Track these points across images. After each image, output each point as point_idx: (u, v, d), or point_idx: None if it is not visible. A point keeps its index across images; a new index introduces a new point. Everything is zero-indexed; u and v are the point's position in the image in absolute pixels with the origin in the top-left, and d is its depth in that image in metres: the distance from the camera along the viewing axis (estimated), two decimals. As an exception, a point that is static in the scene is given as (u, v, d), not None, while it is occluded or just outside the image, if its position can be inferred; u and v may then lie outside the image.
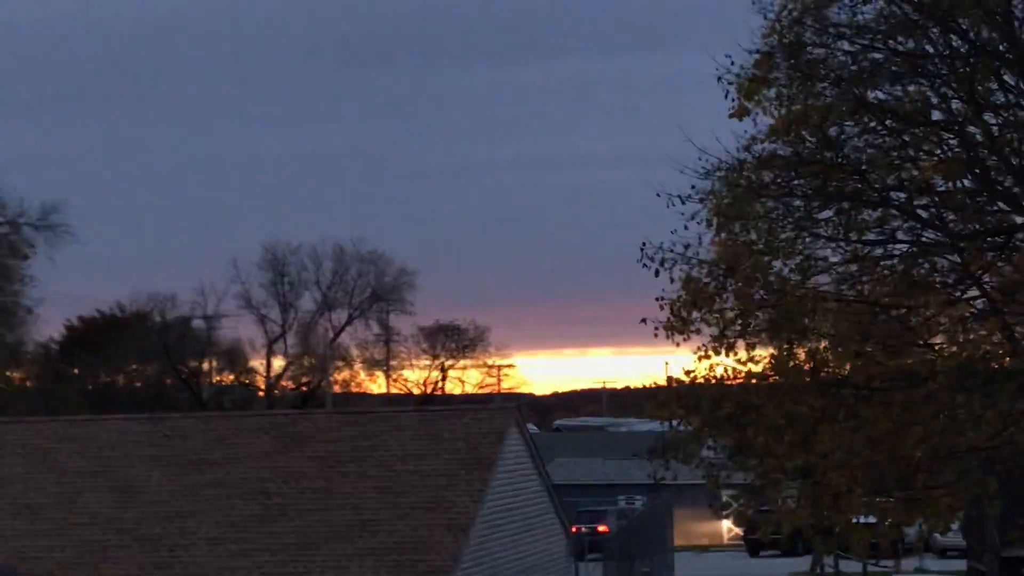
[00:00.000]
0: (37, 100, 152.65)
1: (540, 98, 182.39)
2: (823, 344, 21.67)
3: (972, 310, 20.83)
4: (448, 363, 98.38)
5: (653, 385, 23.14)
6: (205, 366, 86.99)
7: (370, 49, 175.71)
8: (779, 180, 21.55)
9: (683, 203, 21.48)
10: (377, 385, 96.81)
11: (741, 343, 21.38)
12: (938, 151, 21.24)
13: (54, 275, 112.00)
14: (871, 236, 21.45)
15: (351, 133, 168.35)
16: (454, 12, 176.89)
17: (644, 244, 21.23)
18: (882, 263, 21.65)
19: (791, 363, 21.38)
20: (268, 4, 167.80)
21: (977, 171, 20.65)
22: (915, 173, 21.23)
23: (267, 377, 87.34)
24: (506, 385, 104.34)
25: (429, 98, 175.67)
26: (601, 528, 62.54)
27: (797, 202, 21.64)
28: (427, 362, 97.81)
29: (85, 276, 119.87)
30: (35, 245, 70.95)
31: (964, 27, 20.70)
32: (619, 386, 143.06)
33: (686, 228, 21.42)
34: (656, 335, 21.28)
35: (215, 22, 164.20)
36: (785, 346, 21.34)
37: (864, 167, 21.19)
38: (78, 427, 37.72)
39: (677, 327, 21.33)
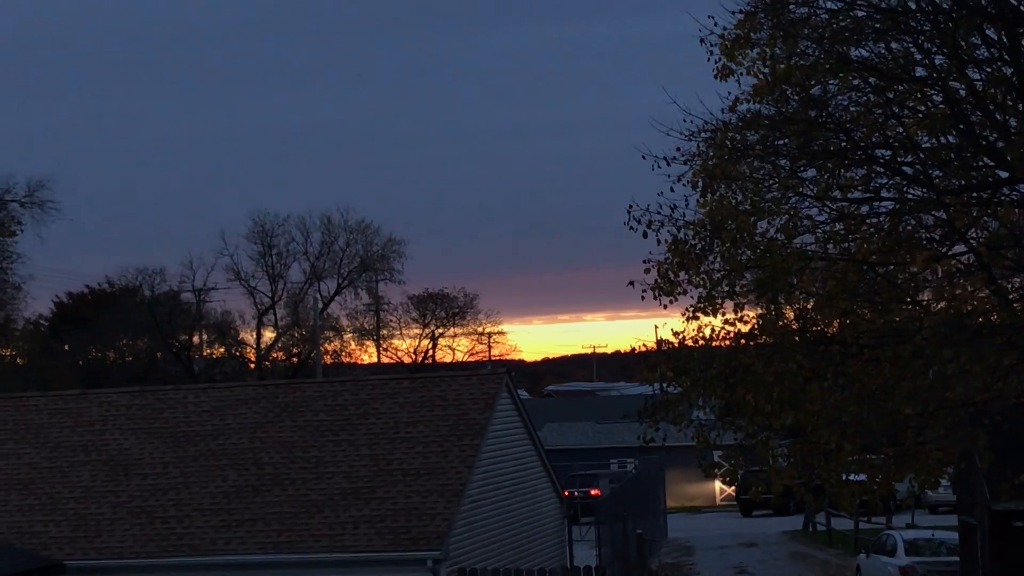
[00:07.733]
0: (24, 78, 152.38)
1: (526, 65, 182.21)
2: (810, 303, 21.74)
3: (958, 265, 20.87)
4: (438, 331, 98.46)
5: (643, 347, 23.20)
6: (196, 339, 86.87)
7: (355, 17, 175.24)
8: (764, 140, 21.58)
9: (668, 165, 21.57)
10: (368, 355, 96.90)
11: (729, 303, 21.48)
12: (922, 107, 21.25)
13: (42, 251, 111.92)
14: (856, 194, 21.47)
15: (338, 102, 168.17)
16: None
17: (631, 207, 21.32)
18: (868, 221, 21.68)
19: (779, 322, 21.47)
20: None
21: (961, 127, 20.64)
22: (899, 130, 21.25)
23: (258, 349, 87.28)
24: (496, 352, 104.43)
25: (414, 65, 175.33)
26: (593, 491, 62.89)
27: (782, 162, 21.68)
28: (417, 331, 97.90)
29: (73, 252, 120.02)
30: (23, 222, 70.85)
31: (946, -18, 20.67)
32: (610, 351, 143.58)
33: (672, 190, 21.52)
34: (643, 298, 21.37)
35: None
36: (772, 305, 21.41)
37: (848, 125, 21.21)
38: (69, 402, 37.72)
39: (665, 289, 21.40)
